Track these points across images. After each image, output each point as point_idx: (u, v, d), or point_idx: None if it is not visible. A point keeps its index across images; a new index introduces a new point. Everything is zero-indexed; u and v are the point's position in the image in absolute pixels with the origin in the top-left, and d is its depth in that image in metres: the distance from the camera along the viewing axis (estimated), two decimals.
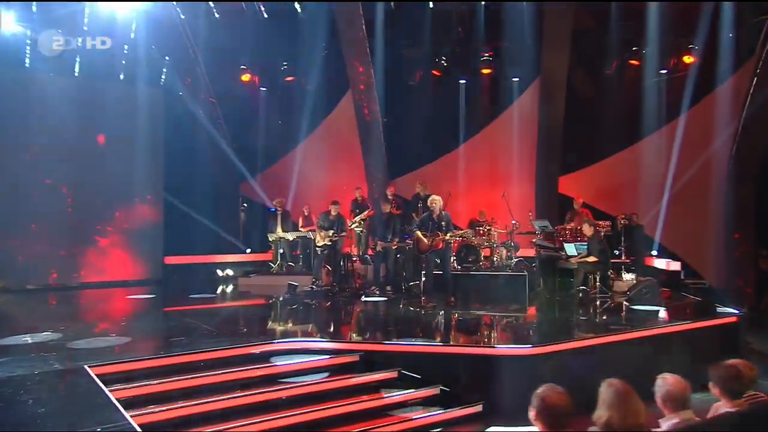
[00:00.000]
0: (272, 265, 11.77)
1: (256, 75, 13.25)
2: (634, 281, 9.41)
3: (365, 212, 10.98)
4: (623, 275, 9.82)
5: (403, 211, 10.99)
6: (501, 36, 11.75)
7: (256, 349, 5.86)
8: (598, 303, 8.64)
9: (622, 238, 9.74)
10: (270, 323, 7.83)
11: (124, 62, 11.98)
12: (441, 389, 5.71)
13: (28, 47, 10.34)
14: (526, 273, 9.46)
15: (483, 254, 10.40)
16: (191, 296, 9.80)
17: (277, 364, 5.66)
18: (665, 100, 11.49)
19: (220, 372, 5.30)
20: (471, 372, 5.78)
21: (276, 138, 13.67)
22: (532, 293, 9.06)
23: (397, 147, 12.97)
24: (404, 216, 10.69)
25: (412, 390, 5.62)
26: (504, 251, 10.37)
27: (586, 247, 9.66)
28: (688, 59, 10.98)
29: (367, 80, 12.37)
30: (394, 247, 9.52)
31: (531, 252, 10.90)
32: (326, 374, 5.70)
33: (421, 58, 12.44)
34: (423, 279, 9.44)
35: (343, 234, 9.96)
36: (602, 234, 9.26)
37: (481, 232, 9.97)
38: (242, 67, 13.11)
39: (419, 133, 12.76)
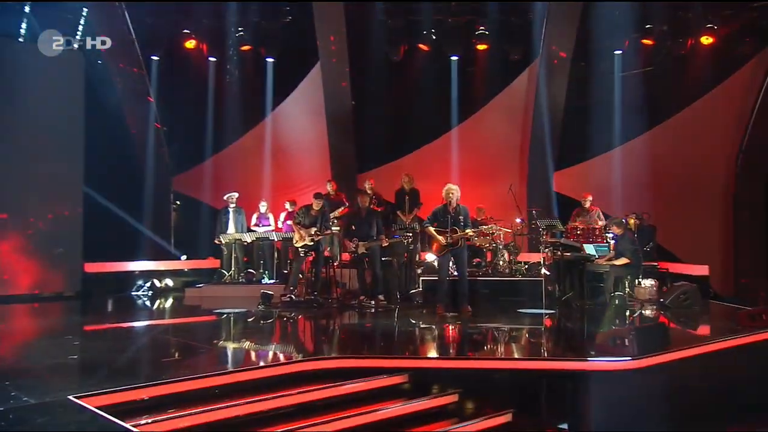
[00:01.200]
0: (224, 272, 10.78)
1: (203, 42, 12.18)
2: (654, 287, 9.32)
3: (340, 209, 10.51)
4: (641, 281, 9.67)
5: (385, 209, 10.46)
6: (499, 6, 11.49)
7: (284, 371, 5.07)
8: (628, 312, 8.49)
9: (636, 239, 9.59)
10: (271, 340, 7.00)
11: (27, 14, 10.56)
12: (513, 414, 5.16)
13: None
14: (542, 279, 9.25)
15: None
16: (133, 311, 9.01)
17: (315, 388, 4.90)
18: (679, 84, 11.73)
19: (249, 400, 4.49)
20: (550, 392, 5.28)
21: (224, 120, 12.64)
22: (561, 301, 8.73)
23: (373, 133, 12.49)
24: (385, 214, 10.14)
25: (482, 418, 5.05)
26: (506, 254, 10.05)
27: (606, 248, 9.60)
28: (706, 40, 11.13)
29: (339, 53, 11.67)
30: (385, 245, 8.90)
31: (534, 256, 10.65)
32: (375, 400, 5.00)
33: (406, 28, 11.95)
34: (419, 287, 9.15)
35: (329, 232, 9.23)
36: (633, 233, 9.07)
37: (485, 232, 9.54)
38: (185, 31, 11.98)
39: (400, 118, 12.41)
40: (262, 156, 12.81)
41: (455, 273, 8.27)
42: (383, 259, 9.19)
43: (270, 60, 12.38)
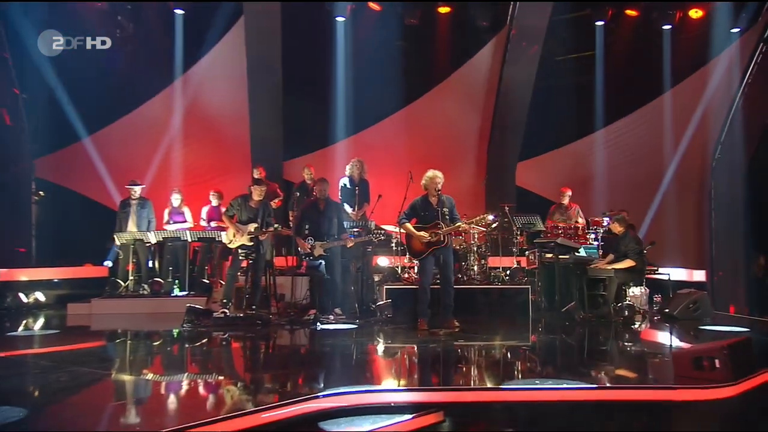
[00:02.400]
0: (120, 282, 9.71)
1: None
2: (645, 295, 9.22)
3: (273, 201, 9.96)
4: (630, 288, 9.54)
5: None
6: None
7: (292, 409, 4.21)
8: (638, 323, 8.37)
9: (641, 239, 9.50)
10: (233, 371, 5.99)
11: None
12: None
13: None
14: (528, 287, 8.96)
15: None
16: (11, 333, 7.73)
17: None
18: (660, 65, 11.72)
19: None
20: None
21: (113, 86, 11.26)
22: (562, 312, 8.36)
23: (306, 111, 11.84)
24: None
25: None
26: (477, 258, 9.63)
27: (594, 249, 9.57)
28: (695, 14, 11.29)
29: (269, 7, 10.90)
30: (350, 245, 8.37)
31: (505, 260, 10.33)
32: None
33: None
34: (379, 297, 8.71)
35: (273, 229, 8.39)
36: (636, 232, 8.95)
37: (474, 225, 8.98)
38: None
39: (340, 93, 11.63)
40: (164, 134, 11.63)
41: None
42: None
43: (179, 12, 11.16)
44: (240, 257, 8.28)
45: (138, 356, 6.73)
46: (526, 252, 10.00)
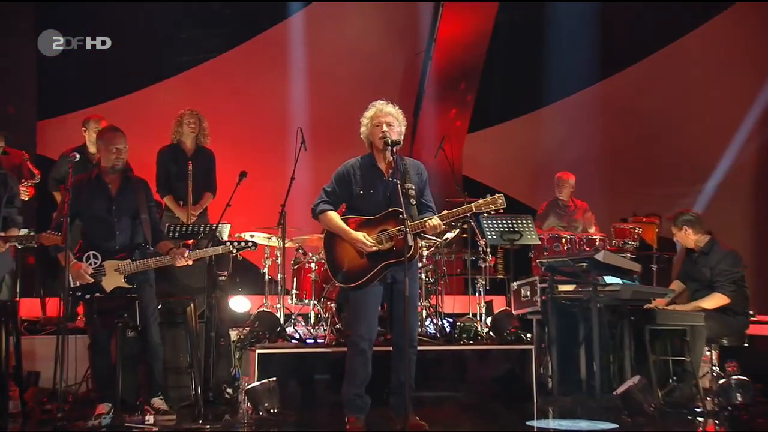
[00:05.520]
0: None
1: None
2: (715, 361, 7.99)
3: (23, 185, 8.55)
4: None
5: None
6: None
7: None
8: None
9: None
10: None
11: None
12: None
13: None
14: (532, 347, 7.94)
15: None
16: None
17: None
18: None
19: None
20: None
21: None
22: (619, 395, 6.84)
23: (84, 26, 10.81)
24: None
25: None
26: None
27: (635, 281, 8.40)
28: None
29: None
30: (182, 264, 6.76)
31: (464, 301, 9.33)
32: None
33: None
34: (246, 378, 7.78)
35: (19, 233, 6.60)
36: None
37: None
38: None
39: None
40: None
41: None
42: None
43: None
44: None
45: None
46: (515, 283, 8.59)
